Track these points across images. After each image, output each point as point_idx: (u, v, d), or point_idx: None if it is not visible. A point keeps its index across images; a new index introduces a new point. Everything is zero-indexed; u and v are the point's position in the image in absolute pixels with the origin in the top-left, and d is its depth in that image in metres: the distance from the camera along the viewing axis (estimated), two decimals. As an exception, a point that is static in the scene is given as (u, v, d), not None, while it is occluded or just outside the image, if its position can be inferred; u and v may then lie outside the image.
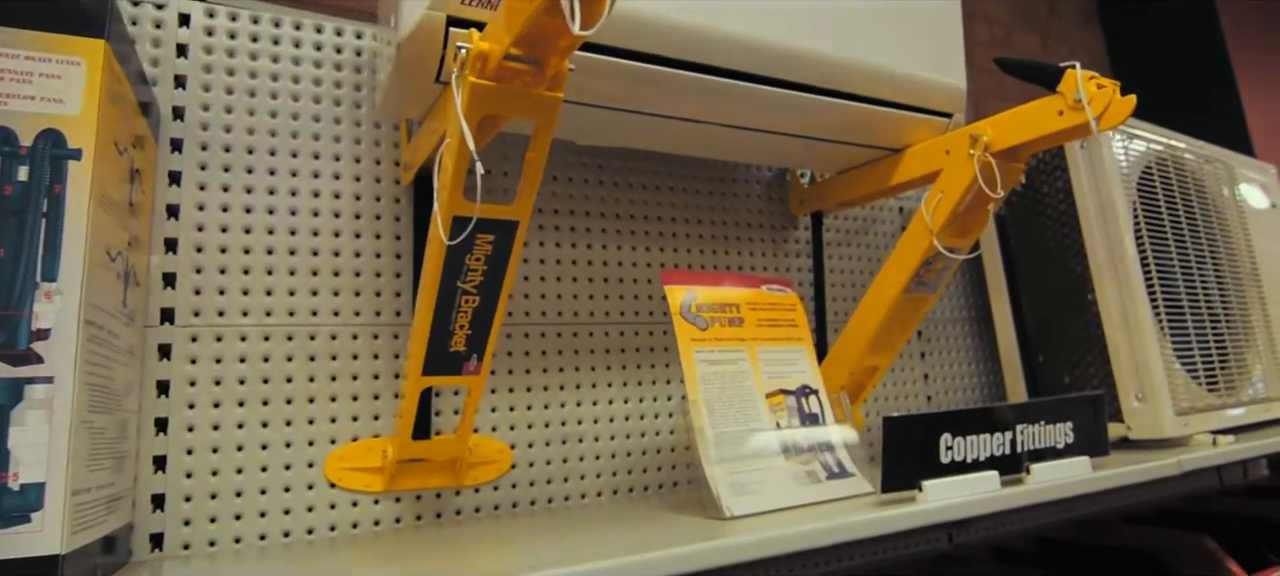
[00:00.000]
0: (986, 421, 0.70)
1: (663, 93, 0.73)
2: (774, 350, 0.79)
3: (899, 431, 0.65)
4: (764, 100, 0.76)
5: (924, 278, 0.85)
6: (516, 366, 0.85)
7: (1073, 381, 1.02)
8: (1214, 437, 0.93)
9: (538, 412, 0.85)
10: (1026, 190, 1.07)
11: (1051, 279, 1.04)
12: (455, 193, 0.57)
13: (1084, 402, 0.78)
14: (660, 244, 0.97)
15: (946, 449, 0.67)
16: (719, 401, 0.72)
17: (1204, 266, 1.05)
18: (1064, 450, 0.76)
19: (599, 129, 0.80)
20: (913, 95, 0.83)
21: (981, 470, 0.69)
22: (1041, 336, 1.06)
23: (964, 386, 1.18)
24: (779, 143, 0.86)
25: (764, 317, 0.80)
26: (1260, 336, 1.12)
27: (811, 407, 0.79)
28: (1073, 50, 1.77)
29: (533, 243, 0.89)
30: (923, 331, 1.16)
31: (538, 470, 0.85)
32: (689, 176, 1.01)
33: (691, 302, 0.76)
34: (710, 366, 0.74)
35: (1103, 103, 0.68)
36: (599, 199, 0.94)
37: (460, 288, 0.63)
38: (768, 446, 0.73)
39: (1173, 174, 1.05)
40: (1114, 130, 1.00)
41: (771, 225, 1.06)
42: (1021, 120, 0.75)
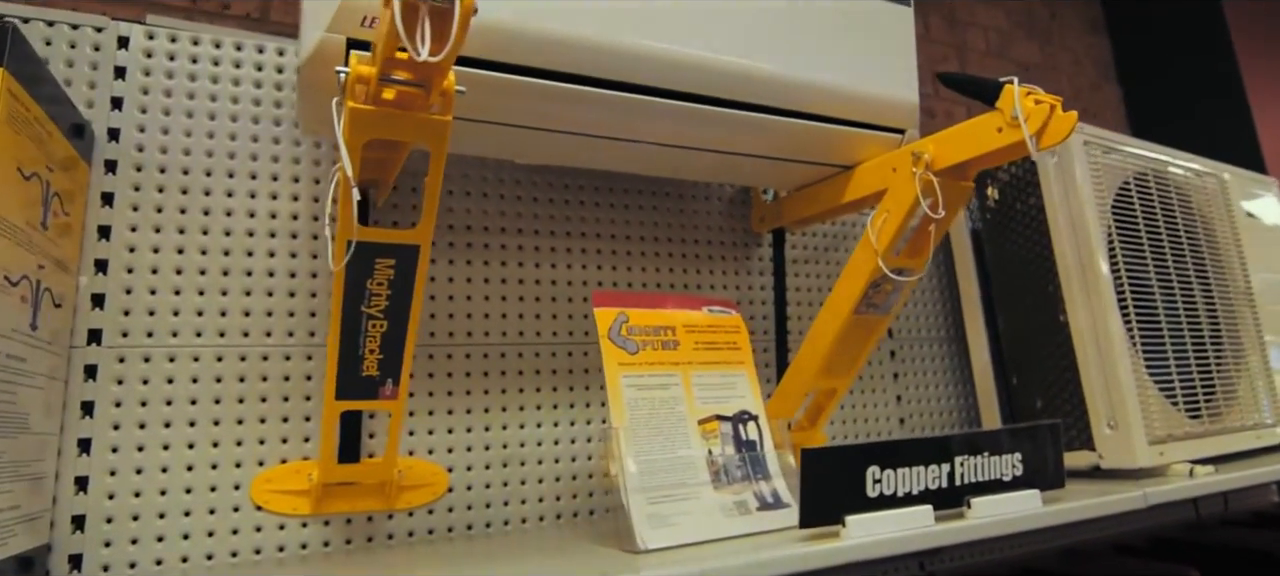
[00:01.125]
0: (920, 453, 0.67)
1: (593, 112, 0.71)
2: (711, 374, 0.77)
3: (817, 464, 0.62)
4: (700, 119, 0.74)
5: (873, 299, 0.82)
6: (457, 388, 0.84)
7: (1045, 406, 0.98)
8: (1191, 468, 0.89)
9: (478, 435, 0.84)
10: (1001, 206, 1.04)
11: (1025, 298, 1.00)
12: (346, 218, 0.56)
13: (1035, 432, 0.74)
14: (613, 263, 0.95)
15: (874, 482, 0.64)
16: (645, 428, 0.70)
17: (1188, 286, 1.01)
18: (1012, 483, 0.72)
19: (535, 149, 0.78)
20: (860, 111, 0.80)
21: (915, 504, 0.66)
22: (1015, 358, 1.02)
23: (939, 409, 1.14)
24: (725, 161, 0.83)
25: (703, 340, 0.78)
26: (1253, 359, 1.06)
27: (749, 434, 0.76)
28: (1076, 59, 1.72)
29: (477, 262, 0.88)
30: (895, 352, 1.13)
31: (476, 494, 0.83)
32: (646, 194, 0.99)
33: (622, 325, 0.74)
34: (638, 391, 0.72)
35: (1040, 119, 0.64)
36: (549, 217, 0.93)
37: (365, 312, 0.62)
38: (695, 475, 0.71)
39: (1154, 189, 1.01)
40: (1090, 144, 0.96)
41: (733, 243, 1.03)
42: (963, 137, 0.72)
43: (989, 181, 1.05)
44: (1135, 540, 1.26)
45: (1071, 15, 1.79)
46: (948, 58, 1.58)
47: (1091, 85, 1.75)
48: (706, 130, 0.77)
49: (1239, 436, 1.01)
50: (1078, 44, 1.77)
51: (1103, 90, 1.77)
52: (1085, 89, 1.74)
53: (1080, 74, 1.74)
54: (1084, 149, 0.95)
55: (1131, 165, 1.00)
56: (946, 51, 1.58)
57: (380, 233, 0.57)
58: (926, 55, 1.54)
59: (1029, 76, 1.78)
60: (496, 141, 0.76)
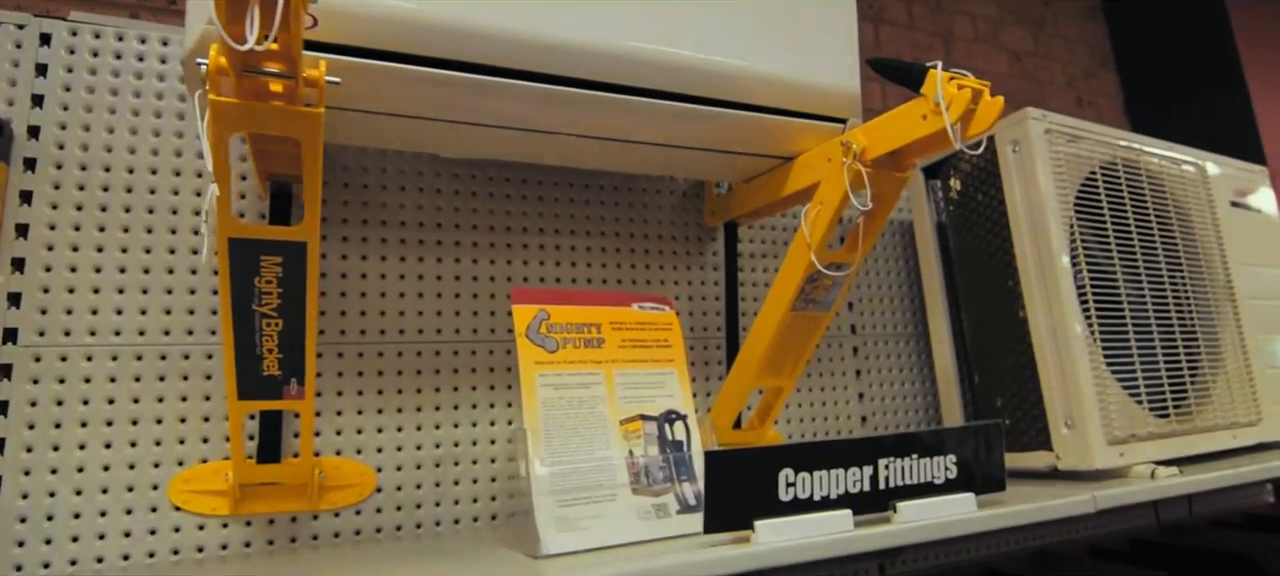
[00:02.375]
0: (839, 455, 0.64)
1: (514, 105, 0.69)
2: (637, 373, 0.75)
3: (723, 468, 0.59)
4: (625, 110, 0.72)
5: (812, 295, 0.80)
6: (387, 387, 0.83)
7: (1005, 404, 0.94)
8: (1153, 470, 0.85)
9: (409, 434, 0.83)
10: (963, 198, 1.00)
11: (986, 294, 0.96)
12: (222, 215, 0.54)
13: (971, 432, 0.71)
14: (557, 259, 0.93)
15: (788, 485, 0.62)
16: (560, 429, 0.68)
17: (1159, 281, 0.96)
18: (944, 486, 0.69)
19: (460, 143, 0.77)
20: (797, 100, 0.77)
21: (833, 508, 0.63)
22: (978, 356, 0.99)
23: (902, 407, 1.11)
24: (661, 153, 0.81)
25: (630, 338, 0.76)
26: (1231, 356, 1.02)
27: (676, 434, 0.74)
28: (1071, 46, 1.67)
29: (411, 258, 0.86)
30: (858, 348, 1.10)
31: (407, 494, 0.82)
32: (593, 188, 0.97)
33: (542, 322, 0.72)
34: (555, 391, 0.70)
35: (963, 105, 0.61)
36: (489, 213, 0.91)
37: (258, 311, 0.60)
38: (612, 477, 0.68)
39: (1124, 179, 0.97)
40: (1053, 132, 0.92)
41: (686, 237, 1.01)
42: (891, 126, 0.69)
43: (951, 172, 1.02)
44: (1114, 542, 1.22)
45: (1067, 1, 1.74)
46: (932, 46, 1.54)
47: (1086, 73, 1.69)
48: (634, 122, 0.74)
49: (1214, 436, 0.96)
50: (1073, 30, 1.72)
51: (1099, 78, 1.72)
52: (1080, 77, 1.69)
53: (1075, 61, 1.69)
54: (1046, 137, 0.91)
55: (1099, 154, 0.96)
56: (931, 40, 1.54)
57: (261, 229, 0.56)
58: (910, 44, 1.50)
59: (1021, 65, 1.73)
60: (417, 135, 0.74)
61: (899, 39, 1.44)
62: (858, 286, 1.12)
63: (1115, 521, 1.22)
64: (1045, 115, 0.92)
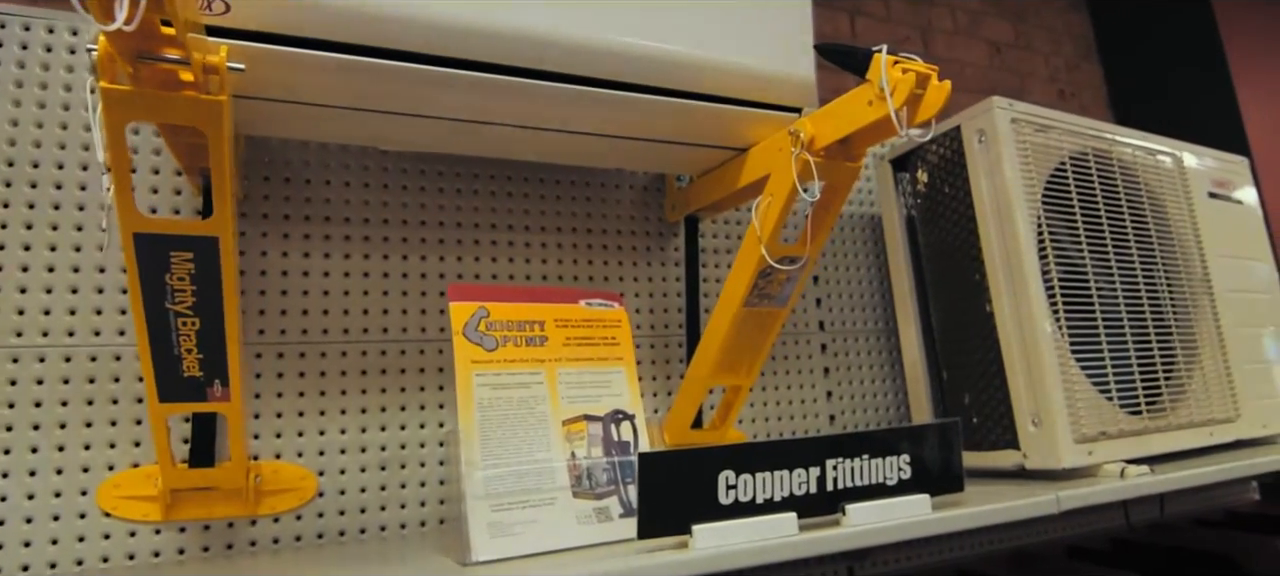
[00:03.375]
0: (784, 456, 0.61)
1: (451, 95, 0.67)
2: (582, 371, 0.72)
3: (658, 470, 0.57)
4: (567, 100, 0.69)
5: (766, 290, 0.77)
6: (330, 388, 0.80)
7: (973, 402, 0.92)
8: (1123, 468, 0.82)
9: (353, 436, 0.80)
10: (930, 190, 0.97)
11: (954, 288, 0.94)
12: (124, 208, 0.52)
13: (926, 432, 0.69)
14: (510, 255, 0.90)
15: (728, 487, 0.59)
16: (498, 430, 0.66)
17: (1131, 274, 0.94)
18: (897, 487, 0.66)
19: (398, 134, 0.74)
20: (749, 89, 0.75)
21: (777, 511, 0.61)
22: (946, 352, 0.96)
23: (872, 405, 1.08)
24: (612, 145, 0.79)
25: (576, 336, 0.73)
26: (1208, 350, 0.99)
27: (623, 435, 0.72)
28: (1054, 37, 1.64)
29: (356, 255, 0.84)
30: (827, 345, 1.07)
31: (350, 498, 0.79)
32: (548, 182, 0.94)
33: (481, 320, 0.70)
34: (493, 391, 0.67)
35: (907, 90, 0.59)
36: (438, 209, 0.88)
37: (172, 310, 0.58)
38: (552, 481, 0.66)
39: (1095, 170, 0.94)
40: (1020, 122, 0.89)
41: (646, 232, 0.98)
42: (839, 113, 0.66)
43: (919, 164, 0.99)
44: (1094, 542, 1.19)
45: (1049, -9, 1.71)
46: (909, 38, 1.51)
47: (1069, 64, 1.67)
48: (578, 112, 0.72)
49: (1189, 433, 0.94)
50: (1056, 21, 1.69)
51: (1082, 69, 1.69)
52: (1063, 68, 1.66)
53: (1058, 53, 1.66)
54: (1012, 127, 0.89)
55: (1069, 144, 0.93)
56: (909, 32, 1.51)
57: (169, 223, 0.53)
58: (888, 36, 1.48)
59: (1002, 57, 1.70)
60: (355, 127, 0.72)
61: (876, 31, 1.42)
62: (826, 282, 1.09)
63: (1085, 521, 1.20)
64: (1012, 104, 0.90)
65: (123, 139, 0.48)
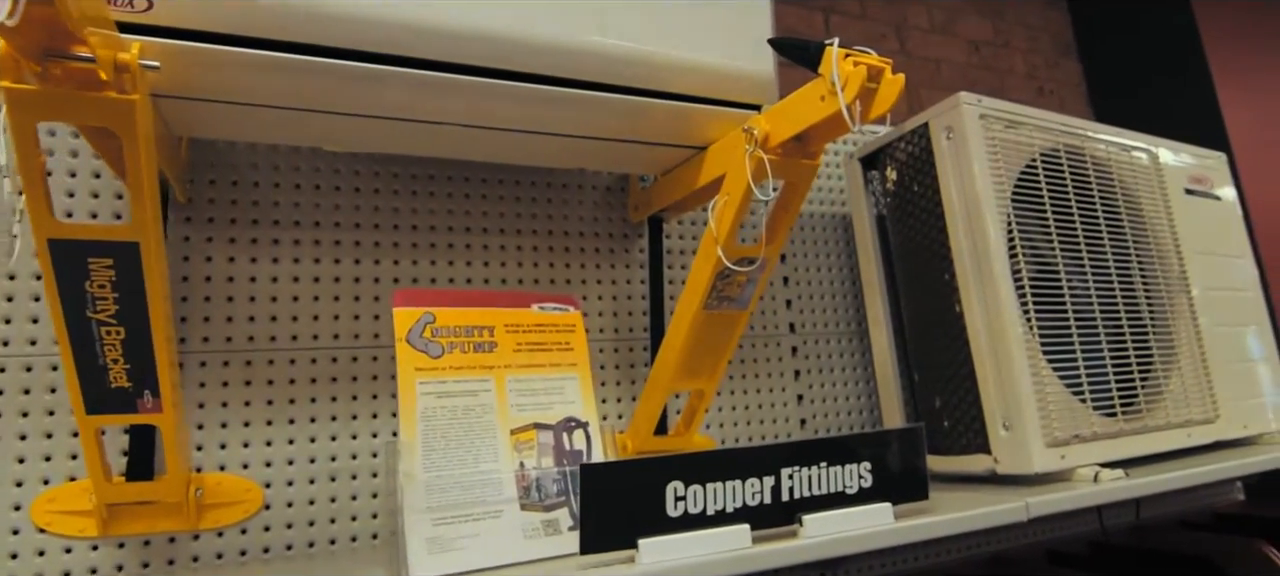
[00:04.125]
0: (736, 466, 0.59)
1: (395, 94, 0.65)
2: (534, 378, 0.70)
3: (601, 482, 0.55)
4: (515, 97, 0.67)
5: (725, 292, 0.75)
6: (278, 396, 0.78)
7: (943, 405, 0.90)
8: (1097, 472, 0.80)
9: (301, 447, 0.78)
10: (899, 188, 0.95)
11: (924, 289, 0.92)
12: (40, 214, 0.49)
13: (888, 438, 0.66)
14: (467, 258, 0.88)
15: (677, 499, 0.57)
16: (442, 440, 0.64)
17: (1105, 272, 0.92)
18: (857, 496, 0.64)
19: (345, 135, 0.72)
20: (703, 85, 0.72)
21: (729, 524, 0.58)
22: (917, 354, 0.94)
23: (844, 409, 1.06)
24: (568, 144, 0.76)
25: (528, 341, 0.71)
26: (1186, 350, 0.97)
27: (575, 444, 0.69)
28: (1032, 34, 1.62)
29: (306, 260, 0.81)
30: (797, 348, 1.05)
31: (298, 511, 0.77)
32: (510, 182, 0.92)
33: (426, 326, 0.67)
34: (438, 399, 0.65)
35: (858, 83, 0.56)
36: (392, 211, 0.86)
37: (94, 318, 0.55)
38: (498, 492, 0.64)
39: (1067, 166, 0.92)
40: (988, 117, 0.87)
41: (610, 234, 0.96)
42: (793, 108, 0.64)
43: (888, 162, 0.97)
44: (1074, 546, 1.17)
45: (1029, -12, 1.69)
46: (885, 37, 1.49)
47: (1048, 62, 1.65)
48: (529, 111, 0.69)
49: (1166, 435, 0.92)
50: (1034, 18, 1.67)
51: (1061, 67, 1.67)
52: (1042, 66, 1.64)
53: (1036, 50, 1.64)
54: (980, 123, 0.87)
55: (1040, 141, 0.91)
56: (884, 30, 1.49)
57: (84, 228, 0.51)
58: (863, 35, 1.46)
59: (980, 54, 1.68)
60: (297, 128, 0.70)
61: (851, 29, 1.40)
62: (797, 283, 1.07)
63: (1063, 526, 1.18)
64: (980, 100, 0.88)
65: (32, 140, 0.46)
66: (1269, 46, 1.59)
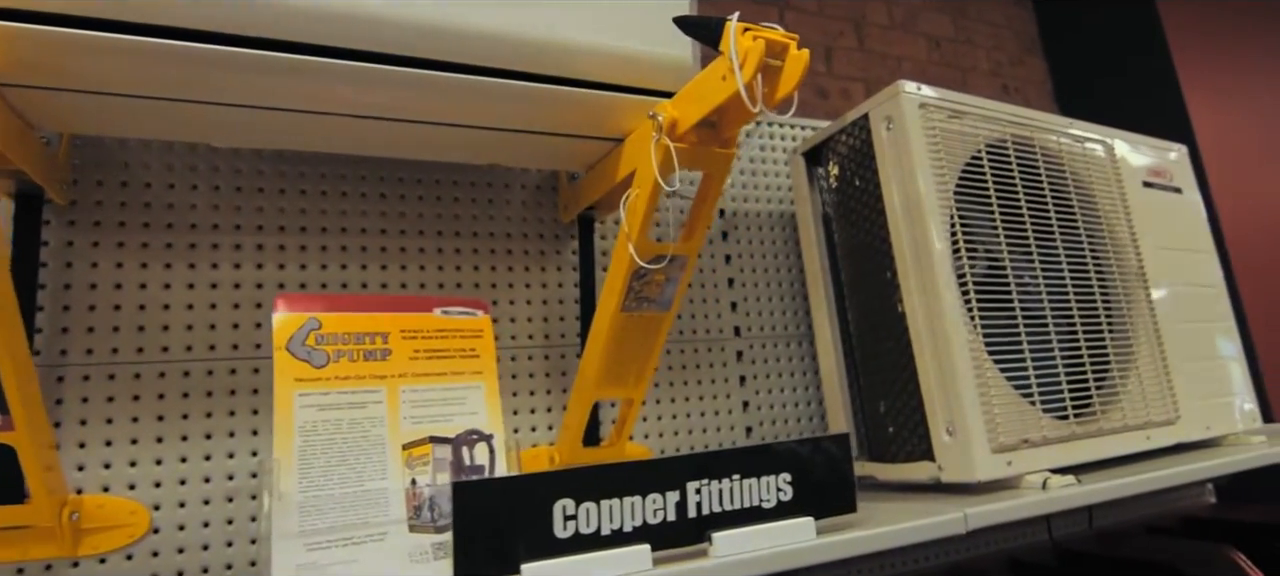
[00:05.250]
0: (634, 481, 0.54)
1: (276, 82, 0.60)
2: (432, 388, 0.65)
3: (476, 500, 0.50)
4: (406, 85, 0.62)
5: (643, 293, 0.70)
6: (170, 412, 0.72)
7: (888, 409, 0.85)
8: (1046, 479, 0.75)
9: (194, 466, 0.72)
10: (842, 183, 0.91)
11: (868, 288, 0.87)
12: None
13: (810, 447, 0.62)
14: (382, 261, 0.83)
15: (566, 519, 0.52)
16: (322, 457, 0.58)
17: (1056, 269, 0.87)
18: (775, 510, 0.59)
19: (230, 128, 0.67)
20: (614, 71, 0.68)
21: (627, 544, 0.53)
22: (863, 356, 0.89)
23: (793, 414, 1.01)
24: (470, 136, 0.72)
25: (427, 348, 0.66)
26: (1145, 348, 0.93)
27: (477, 458, 0.64)
28: (995, 31, 1.59)
29: (202, 266, 0.76)
30: (743, 352, 1.00)
31: (190, 534, 0.71)
32: (429, 181, 0.87)
33: (311, 333, 0.62)
34: (320, 412, 0.60)
35: (757, 60, 0.52)
36: (299, 212, 0.81)
37: (-84, 328, 0.50)
38: (384, 513, 0.58)
39: (1015, 158, 0.88)
40: (929, 107, 0.83)
41: (540, 234, 0.91)
42: (698, 91, 0.59)
43: (830, 156, 0.93)
44: (1038, 554, 1.13)
45: (993, -17, 1.66)
46: (843, 33, 1.45)
47: (1012, 58, 1.61)
48: (421, 100, 0.65)
49: (1123, 438, 0.87)
50: (997, 14, 1.64)
51: (1026, 64, 1.64)
52: (1006, 63, 1.61)
53: (1000, 47, 1.61)
54: (921, 113, 0.82)
55: (986, 132, 0.87)
56: (842, 27, 1.45)
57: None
58: (820, 31, 1.42)
59: (941, 51, 1.65)
60: (176, 121, 0.65)
61: (807, 25, 1.36)
62: (743, 285, 1.03)
63: (1020, 534, 1.13)
64: (920, 88, 0.83)
65: None
66: (1235, 43, 1.56)
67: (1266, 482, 1.25)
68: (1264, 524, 1.09)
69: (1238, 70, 1.52)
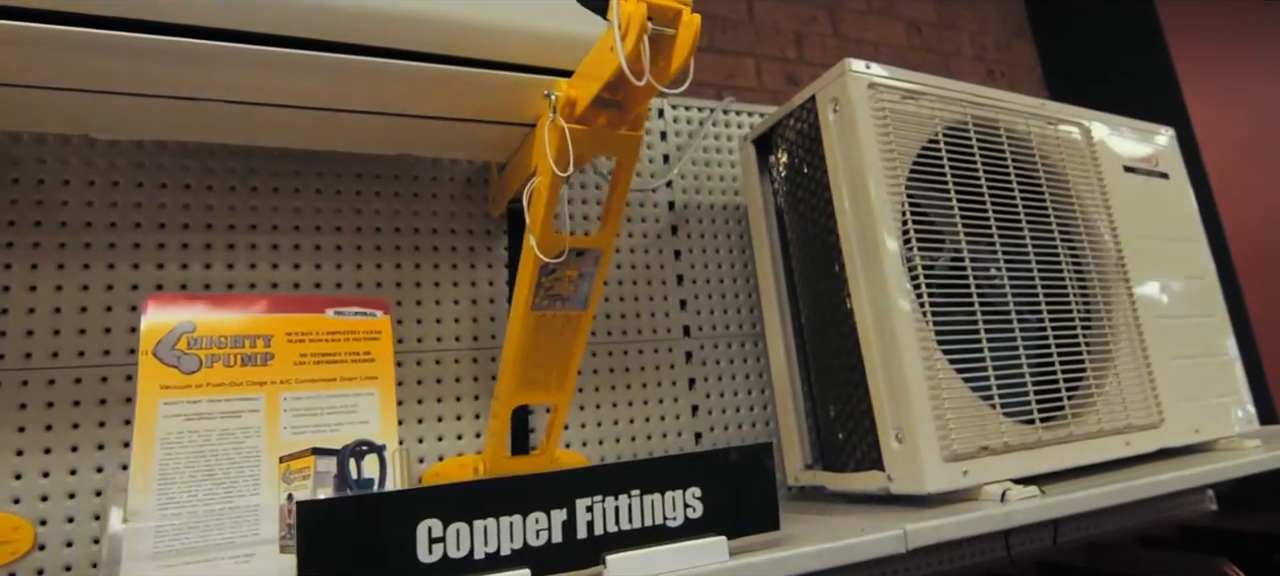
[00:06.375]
0: (513, 497, 0.49)
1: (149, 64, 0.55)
2: (318, 395, 0.60)
3: (324, 520, 0.44)
4: (277, 66, 0.58)
5: (554, 291, 0.65)
6: (59, 421, 0.68)
7: (838, 414, 0.79)
8: (1004, 491, 0.69)
9: (85, 477, 0.68)
10: (791, 171, 0.85)
11: (818, 283, 0.81)
12: None
13: (723, 458, 0.56)
14: (294, 260, 0.78)
15: (433, 541, 0.47)
16: (186, 471, 0.54)
17: (1022, 261, 0.81)
18: (682, 529, 0.54)
19: (111, 119, 0.62)
20: (514, 50, 0.62)
21: (506, 569, 0.48)
22: (815, 357, 0.83)
23: (746, 419, 0.95)
24: (363, 124, 0.67)
25: (315, 352, 0.61)
26: (1125, 345, 0.86)
27: (366, 471, 0.59)
28: (981, 15, 1.52)
29: (98, 266, 0.72)
30: (692, 353, 0.94)
31: (79, 550, 0.67)
32: (349, 174, 0.82)
33: (183, 336, 0.57)
34: (186, 422, 0.55)
35: (639, 25, 0.46)
36: (206, 209, 0.76)
37: None
38: (252, 531, 0.53)
39: (976, 142, 0.81)
40: (880, 87, 0.77)
41: (469, 230, 0.86)
42: (590, 67, 0.54)
43: (779, 143, 0.87)
44: (1020, 566, 1.06)
45: (979, -35, 1.59)
46: (816, 18, 1.39)
47: (999, 43, 1.54)
48: (303, 82, 0.60)
49: (1097, 444, 0.80)
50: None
51: (1014, 49, 1.57)
52: (991, 48, 1.53)
53: (985, 31, 1.54)
54: (871, 93, 0.76)
55: (945, 113, 0.81)
56: (815, 11, 1.39)
57: None
58: (792, 16, 1.36)
59: (922, 36, 1.58)
60: (46, 110, 0.60)
61: (779, 12, 1.30)
62: (693, 282, 0.97)
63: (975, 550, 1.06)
64: (870, 66, 0.77)
65: None
66: (1231, 26, 1.48)
67: (1272, 489, 1.18)
68: (1263, 533, 1.02)
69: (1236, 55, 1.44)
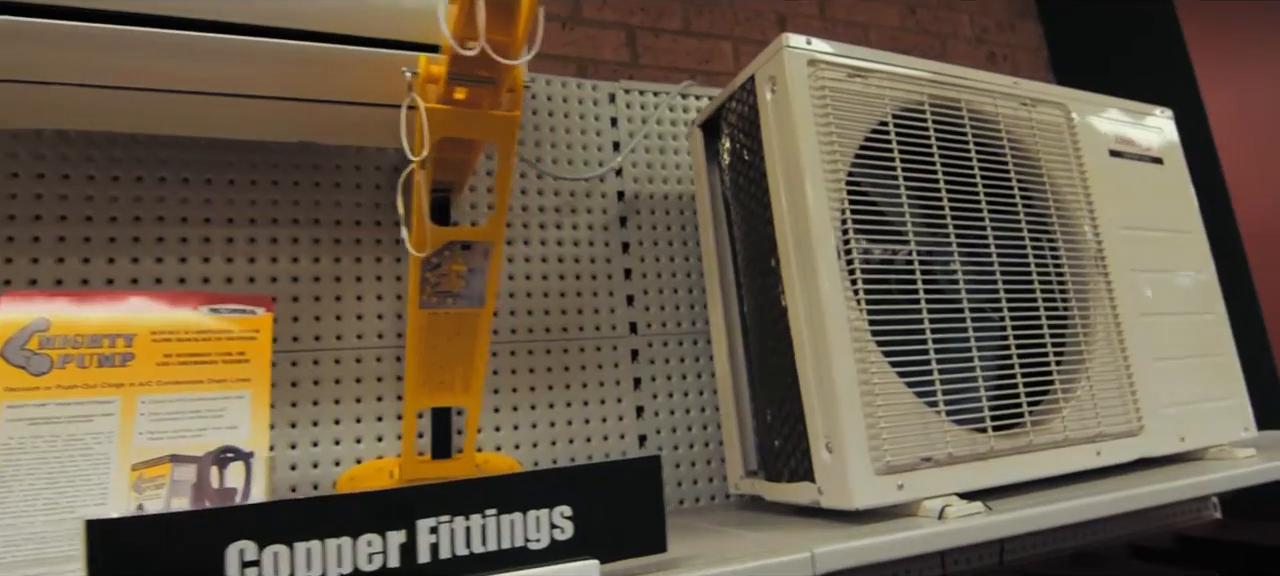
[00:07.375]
0: (342, 517, 0.44)
1: None
2: (181, 398, 0.56)
3: (113, 543, 0.40)
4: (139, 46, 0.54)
5: (442, 287, 0.60)
6: (-56, 420, 0.66)
7: (774, 419, 0.73)
8: (943, 507, 0.63)
9: None
10: (734, 159, 0.79)
11: (759, 279, 0.75)
12: None
13: (599, 472, 0.51)
14: (203, 253, 0.75)
15: (245, 565, 0.43)
16: (25, 480, 0.50)
17: (981, 253, 0.74)
18: (548, 552, 0.49)
19: None
20: (374, 23, 0.58)
21: (334, 594, 0.44)
22: (758, 357, 0.78)
23: (695, 420, 0.90)
24: (253, 107, 0.63)
25: (181, 352, 0.57)
26: (1101, 346, 0.79)
27: (229, 480, 0.55)
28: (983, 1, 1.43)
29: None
30: (639, 351, 0.89)
31: None
32: (265, 164, 0.79)
33: (34, 335, 0.54)
34: (31, 427, 0.52)
35: (470, -2, 0.41)
36: (110, 201, 0.73)
37: None
38: (91, 545, 0.50)
39: (932, 124, 0.74)
40: (821, 65, 0.70)
41: (393, 222, 0.82)
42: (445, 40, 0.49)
43: (724, 127, 0.81)
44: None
45: (983, -60, 1.50)
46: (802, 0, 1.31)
47: (1001, 24, 1.45)
48: (158, 62, 0.56)
49: (1063, 454, 0.73)
50: (989, -26, 1.48)
51: (1018, 30, 1.47)
52: (992, 28, 1.45)
53: (986, 12, 1.45)
54: (810, 72, 0.70)
55: (896, 93, 0.74)
56: (803, -11, 1.32)
57: None
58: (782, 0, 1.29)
59: (917, 17, 1.49)
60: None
61: (762, -7, 1.23)
62: (640, 276, 0.91)
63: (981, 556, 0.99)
64: (810, 42, 0.71)
65: None
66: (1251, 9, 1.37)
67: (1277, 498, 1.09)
68: (1263, 546, 0.93)
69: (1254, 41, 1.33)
